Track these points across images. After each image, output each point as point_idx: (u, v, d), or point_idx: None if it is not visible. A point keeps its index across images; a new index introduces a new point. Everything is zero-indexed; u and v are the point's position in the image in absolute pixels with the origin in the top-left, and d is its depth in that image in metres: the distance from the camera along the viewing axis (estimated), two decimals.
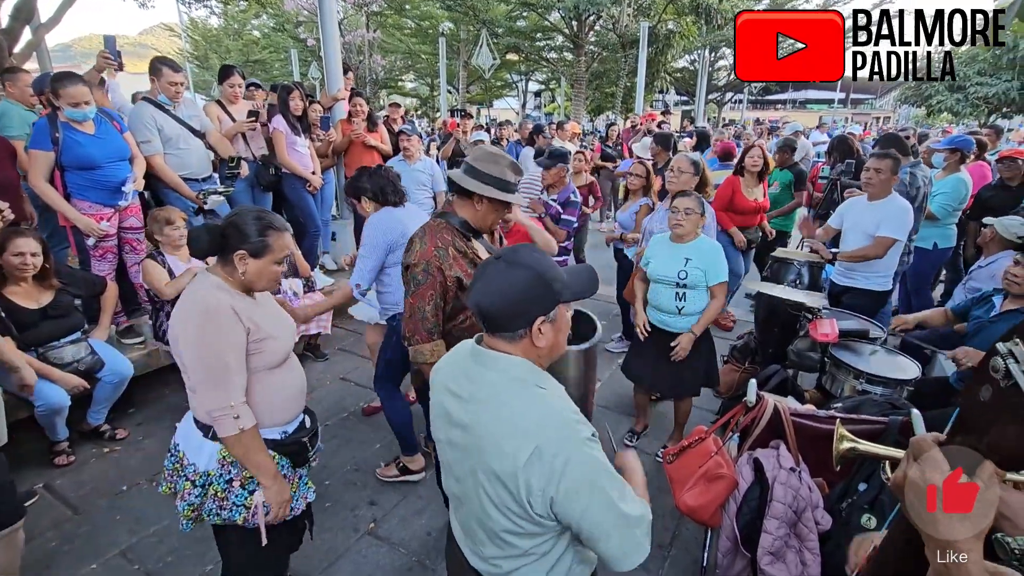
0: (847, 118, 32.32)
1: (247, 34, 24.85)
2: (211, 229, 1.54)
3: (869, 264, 3.23)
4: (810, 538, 1.81)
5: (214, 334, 1.48)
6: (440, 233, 1.89)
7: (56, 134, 3.05)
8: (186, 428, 1.62)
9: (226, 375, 1.49)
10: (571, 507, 1.04)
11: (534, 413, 1.07)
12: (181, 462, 1.60)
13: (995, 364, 0.70)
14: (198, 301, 1.51)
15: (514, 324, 1.12)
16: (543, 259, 1.15)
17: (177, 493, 1.61)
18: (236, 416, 1.51)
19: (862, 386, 2.38)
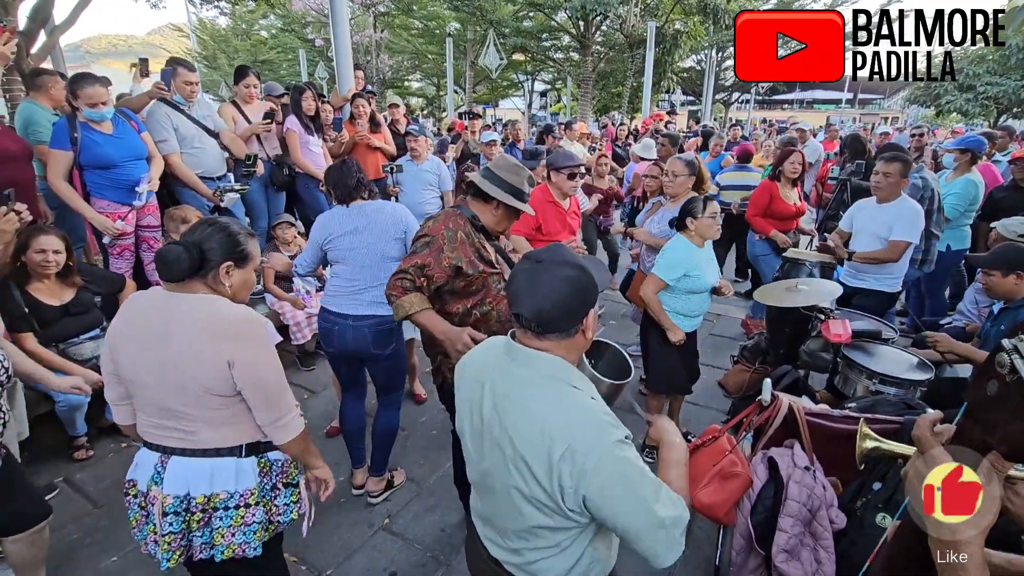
0: (855, 118, 32.12)
1: (255, 34, 24.97)
2: (188, 247, 1.41)
3: (880, 265, 3.23)
4: (825, 536, 1.82)
5: (269, 342, 1.49)
6: (455, 218, 1.99)
7: (75, 134, 3.10)
8: (198, 467, 1.46)
9: (283, 378, 1.52)
10: (604, 506, 1.05)
11: (568, 412, 1.09)
12: (210, 500, 1.47)
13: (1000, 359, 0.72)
14: (235, 318, 1.43)
15: (571, 323, 1.14)
16: (574, 253, 1.19)
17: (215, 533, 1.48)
18: (300, 413, 1.56)
19: (875, 387, 2.39)
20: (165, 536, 1.44)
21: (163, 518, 1.43)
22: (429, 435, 3.26)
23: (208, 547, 1.49)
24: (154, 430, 1.47)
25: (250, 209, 4.32)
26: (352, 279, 2.46)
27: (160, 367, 1.40)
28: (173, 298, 1.43)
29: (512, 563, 1.22)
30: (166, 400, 1.42)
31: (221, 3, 21.59)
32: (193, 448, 1.45)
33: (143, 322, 1.43)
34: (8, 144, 3.06)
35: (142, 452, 1.52)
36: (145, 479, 1.48)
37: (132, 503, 1.52)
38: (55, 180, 3.10)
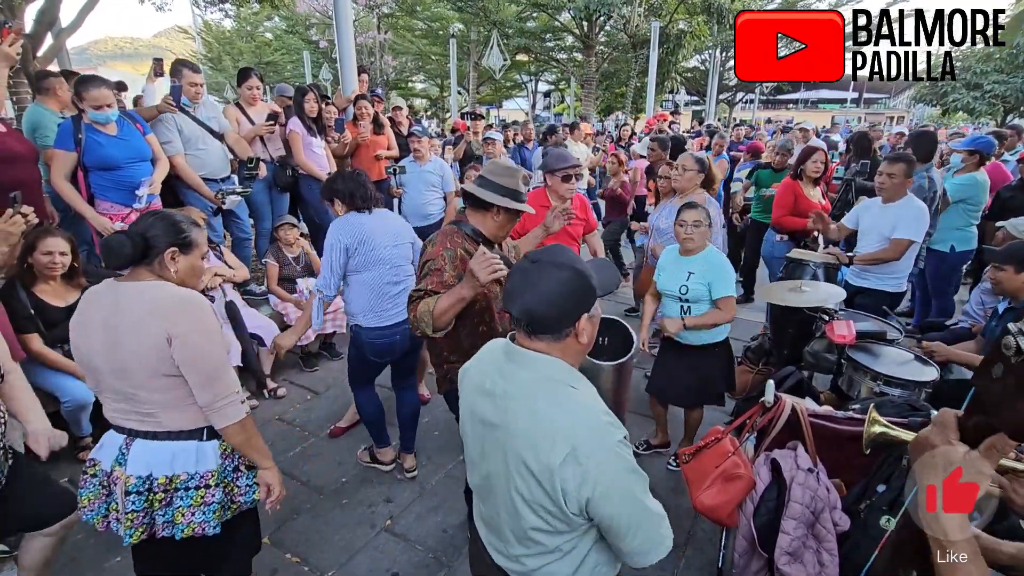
0: (860, 118, 31.98)
1: (260, 36, 25.06)
2: (131, 235, 1.47)
3: (884, 265, 3.22)
4: (828, 539, 1.81)
5: (211, 322, 1.53)
6: (451, 237, 1.94)
7: (79, 135, 3.12)
8: (160, 450, 1.52)
9: (226, 359, 1.55)
10: (605, 507, 1.06)
11: (569, 414, 1.08)
12: (172, 482, 1.53)
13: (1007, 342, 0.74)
14: (176, 297, 1.48)
15: (562, 324, 1.13)
16: (577, 257, 1.18)
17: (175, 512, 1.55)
18: (242, 400, 1.57)
19: (880, 388, 2.37)
20: (128, 514, 1.51)
21: (126, 497, 1.51)
22: (432, 436, 3.26)
23: (170, 525, 1.56)
24: (116, 413, 1.54)
25: (254, 210, 4.34)
26: (388, 283, 2.54)
27: (109, 351, 1.46)
28: (121, 286, 1.50)
29: (515, 571, 1.22)
30: (118, 384, 1.49)
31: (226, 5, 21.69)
32: (155, 431, 1.52)
33: (94, 310, 1.49)
34: (15, 145, 3.09)
35: (109, 434, 1.59)
36: (109, 459, 1.55)
37: (91, 482, 1.58)
38: (57, 180, 3.12)
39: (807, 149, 4.33)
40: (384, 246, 2.53)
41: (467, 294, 1.73)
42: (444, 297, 1.77)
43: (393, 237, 2.58)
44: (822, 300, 2.77)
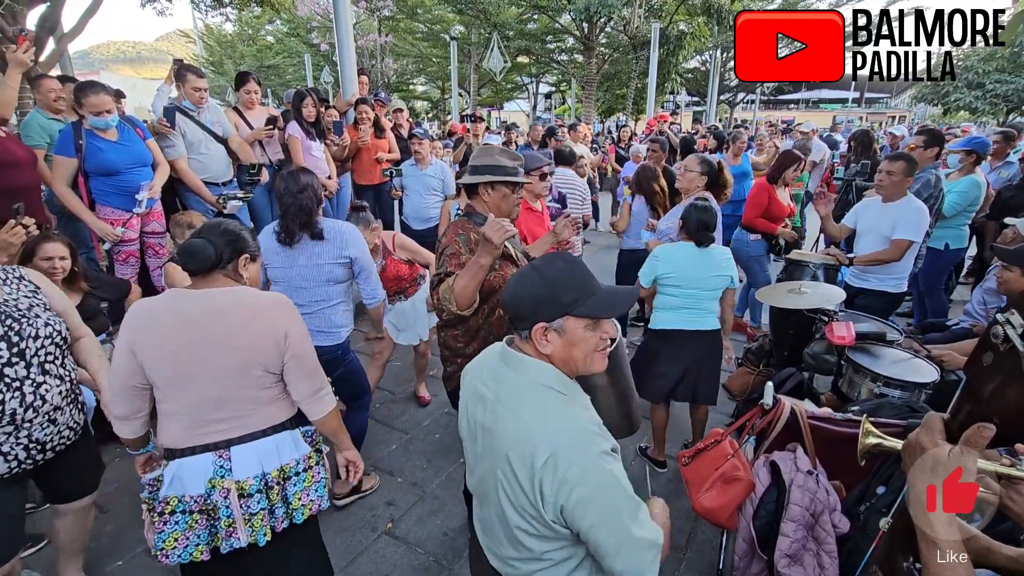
0: (861, 118, 31.95)
1: (261, 39, 25.18)
2: (212, 240, 1.51)
3: (884, 266, 3.21)
4: (828, 541, 1.81)
5: (303, 321, 1.62)
6: (463, 224, 2.00)
7: (79, 141, 3.14)
8: (264, 447, 1.56)
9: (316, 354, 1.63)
10: (581, 518, 1.04)
11: (552, 419, 1.09)
12: (283, 471, 1.58)
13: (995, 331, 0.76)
14: (275, 298, 1.58)
15: (521, 323, 1.16)
16: (566, 269, 1.16)
17: (293, 498, 1.60)
18: (332, 389, 1.66)
19: (880, 389, 2.37)
20: (256, 515, 1.53)
21: (246, 500, 1.51)
22: (432, 439, 3.26)
23: (287, 516, 1.60)
24: (202, 429, 1.51)
25: (255, 213, 4.36)
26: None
27: (214, 359, 1.47)
28: (204, 294, 1.51)
29: (509, 575, 1.22)
30: (226, 389, 1.49)
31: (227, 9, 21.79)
32: (252, 432, 1.55)
33: (180, 322, 1.47)
34: (15, 149, 3.11)
35: (177, 465, 1.51)
36: (199, 483, 1.49)
37: (176, 519, 1.49)
38: (58, 186, 3.14)
39: (790, 156, 4.36)
40: (285, 263, 2.37)
41: (485, 261, 1.77)
42: (462, 272, 1.82)
43: (301, 253, 2.37)
44: (822, 301, 2.77)
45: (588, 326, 1.14)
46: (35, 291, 1.83)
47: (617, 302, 1.17)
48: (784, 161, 4.28)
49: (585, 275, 1.17)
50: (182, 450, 1.52)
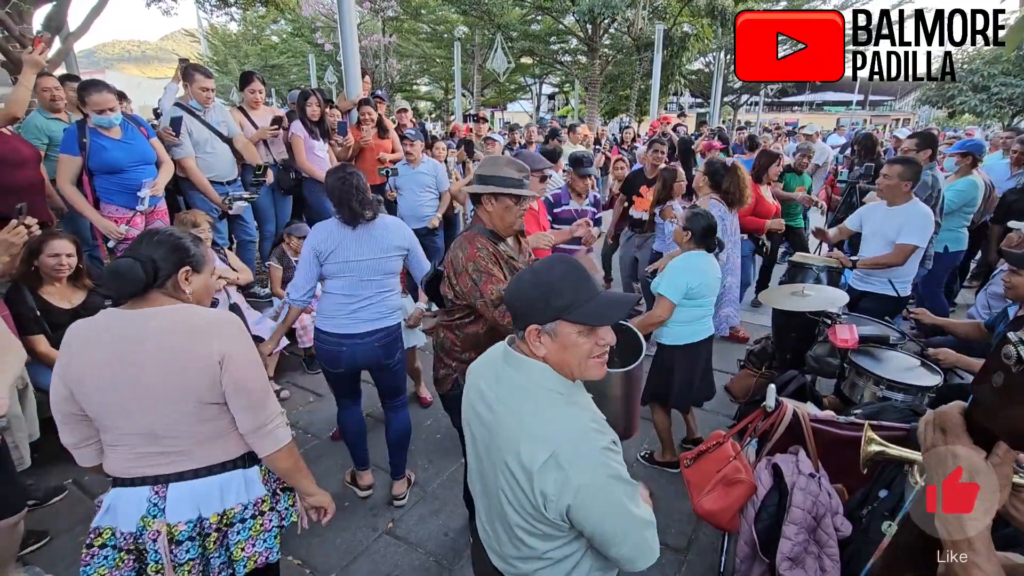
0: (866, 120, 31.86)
1: (265, 39, 25.24)
2: (140, 258, 1.34)
3: (888, 269, 3.20)
4: (830, 544, 1.80)
5: (251, 341, 1.46)
6: (476, 239, 1.97)
7: (83, 139, 3.15)
8: (204, 487, 1.40)
9: (267, 380, 1.48)
10: (588, 514, 1.06)
11: (552, 419, 1.09)
12: (225, 517, 1.43)
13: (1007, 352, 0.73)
14: (214, 318, 1.40)
15: (516, 323, 1.18)
16: (564, 272, 1.14)
17: (235, 548, 1.43)
18: (286, 422, 1.48)
19: (883, 392, 2.36)
20: (184, 565, 1.37)
21: (175, 547, 1.36)
22: (434, 439, 3.26)
23: (228, 565, 1.44)
24: (139, 462, 1.37)
25: (259, 213, 4.37)
26: (351, 295, 2.40)
27: (145, 388, 1.32)
28: (138, 315, 1.35)
29: (510, 573, 1.23)
30: (155, 423, 1.35)
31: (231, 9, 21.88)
32: (194, 468, 1.39)
33: (112, 348, 1.33)
34: (21, 148, 3.13)
35: (115, 494, 1.39)
36: (131, 519, 1.36)
37: (101, 554, 1.36)
38: (63, 184, 3.16)
39: (769, 155, 4.48)
40: (352, 258, 2.37)
41: None
42: None
43: (365, 249, 2.39)
44: (825, 304, 2.76)
45: (581, 332, 1.12)
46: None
47: (612, 310, 1.14)
48: (764, 160, 4.38)
49: (583, 280, 1.15)
50: (121, 479, 1.39)
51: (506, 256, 2.01)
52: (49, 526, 2.52)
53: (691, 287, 2.61)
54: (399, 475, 2.74)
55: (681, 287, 2.60)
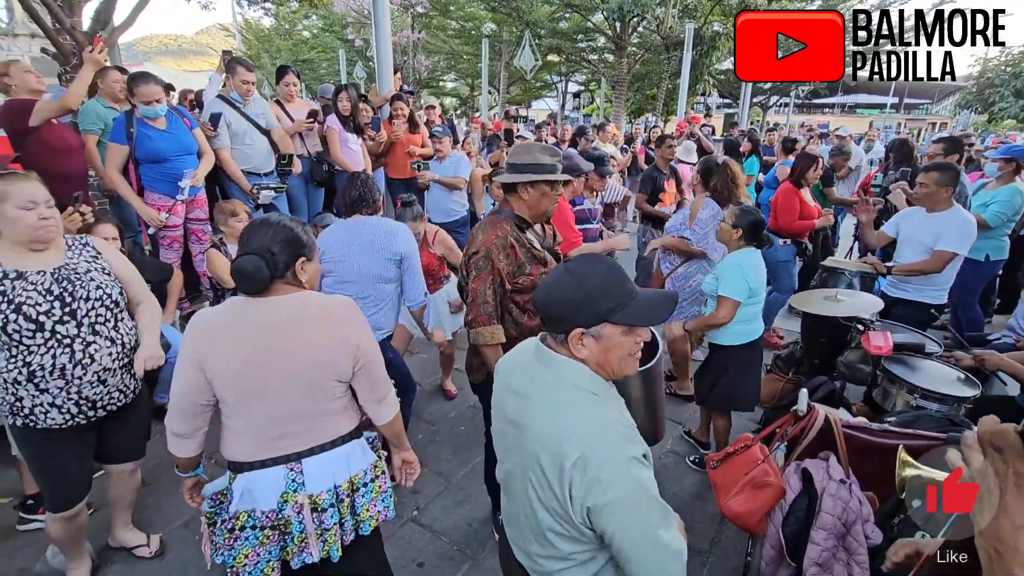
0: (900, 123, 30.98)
1: (297, 34, 25.69)
2: (261, 254, 1.40)
3: (925, 276, 3.14)
4: (859, 552, 1.79)
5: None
6: (500, 225, 2.00)
7: (131, 129, 3.27)
8: (335, 458, 1.50)
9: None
10: (608, 521, 1.03)
11: (583, 420, 1.08)
12: (352, 483, 1.53)
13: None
14: (342, 305, 1.51)
15: (556, 327, 1.15)
16: (603, 273, 1.13)
17: (361, 510, 1.54)
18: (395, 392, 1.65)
19: (917, 401, 2.32)
20: (329, 531, 1.47)
21: (320, 515, 1.46)
22: (458, 431, 3.31)
23: (354, 527, 1.55)
24: (272, 444, 1.45)
25: (292, 204, 4.47)
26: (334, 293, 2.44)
27: (288, 376, 1.40)
28: (270, 304, 1.42)
29: (536, 571, 1.23)
30: (296, 403, 1.43)
31: (266, 4, 22.29)
32: (322, 443, 1.49)
33: (252, 337, 1.40)
34: (68, 136, 3.28)
35: (249, 479, 1.45)
36: (271, 498, 1.43)
37: (246, 535, 1.43)
38: (110, 171, 3.29)
39: (808, 157, 4.36)
40: (339, 257, 2.41)
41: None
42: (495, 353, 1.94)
43: (356, 250, 2.41)
44: (858, 310, 2.72)
45: (624, 331, 1.13)
46: (95, 256, 1.90)
47: (659, 309, 1.14)
48: (803, 163, 4.30)
49: (624, 280, 1.15)
50: (251, 463, 1.45)
51: (528, 243, 2.03)
52: (94, 499, 2.63)
53: (752, 286, 2.62)
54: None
55: (743, 287, 2.61)
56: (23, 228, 1.68)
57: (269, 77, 19.03)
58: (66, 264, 1.80)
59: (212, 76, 4.01)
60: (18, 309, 1.66)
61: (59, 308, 1.73)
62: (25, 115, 3.09)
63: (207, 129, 3.68)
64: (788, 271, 4.38)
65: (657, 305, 1.15)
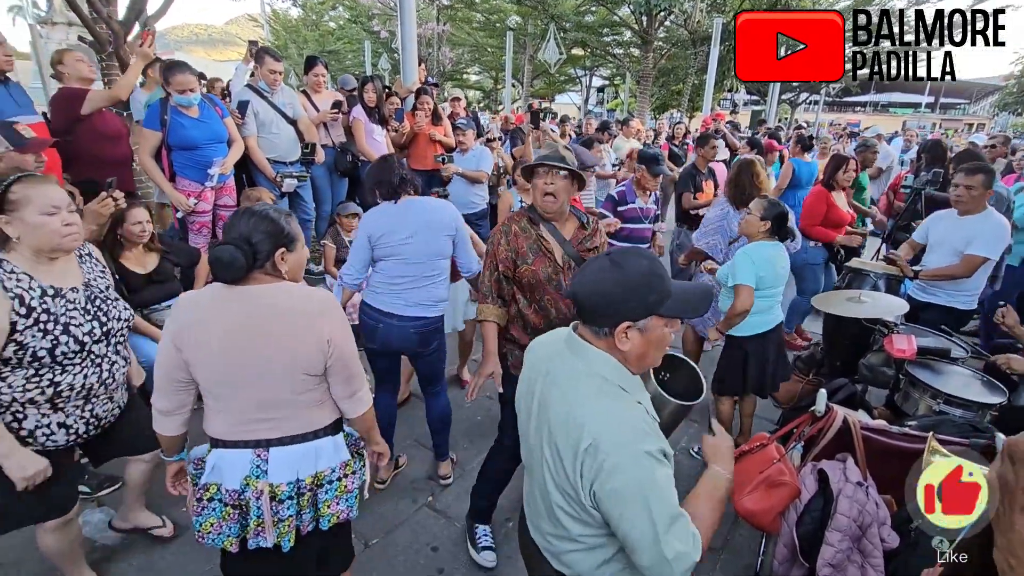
0: (935, 124, 30.03)
1: (324, 25, 25.94)
2: (238, 244, 1.39)
3: (955, 281, 3.06)
4: (875, 555, 1.78)
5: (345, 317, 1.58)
6: (513, 216, 2.12)
7: (164, 116, 3.36)
8: (303, 452, 1.52)
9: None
10: (611, 510, 1.05)
11: (602, 410, 1.09)
12: (317, 478, 1.55)
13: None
14: (319, 298, 1.51)
15: (600, 321, 1.15)
16: (649, 266, 1.14)
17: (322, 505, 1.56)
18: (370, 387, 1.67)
19: (940, 407, 2.28)
20: (284, 521, 1.51)
21: (277, 505, 1.49)
22: (474, 420, 3.35)
23: (312, 521, 1.57)
24: (244, 427, 1.48)
25: (316, 194, 4.55)
26: (398, 276, 2.44)
27: (260, 362, 1.42)
28: (248, 292, 1.43)
29: (548, 551, 1.26)
30: (264, 393, 1.45)
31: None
32: (292, 435, 1.51)
33: (227, 322, 1.42)
34: (117, 124, 3.40)
35: (218, 455, 1.50)
36: (236, 478, 1.47)
37: (210, 507, 1.49)
38: (143, 157, 3.39)
39: (839, 158, 4.21)
40: (401, 239, 2.40)
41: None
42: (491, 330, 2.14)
43: (414, 229, 2.41)
44: (883, 312, 2.67)
45: (667, 323, 1.15)
46: (103, 271, 1.89)
47: (699, 301, 1.16)
48: (833, 164, 4.17)
49: (664, 272, 1.16)
50: (224, 442, 1.51)
51: (536, 237, 2.05)
52: (121, 472, 2.74)
53: (760, 276, 2.62)
54: (443, 457, 2.82)
55: (752, 273, 2.62)
56: (46, 235, 1.58)
57: (296, 67, 19.26)
58: (89, 282, 1.76)
59: (238, 66, 4.10)
60: (66, 330, 1.61)
61: (98, 328, 1.70)
62: (77, 103, 3.21)
63: (235, 116, 3.76)
64: (814, 274, 4.27)
65: (696, 297, 1.17)
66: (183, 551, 2.33)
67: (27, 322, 1.55)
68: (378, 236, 2.41)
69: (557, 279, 2.06)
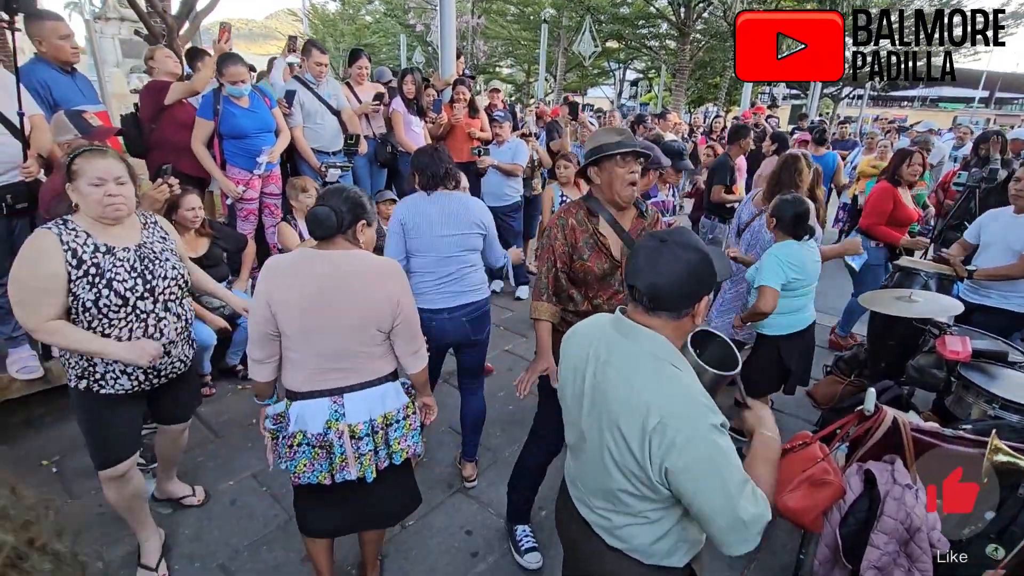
0: (989, 119, 28.54)
1: (360, 19, 26.29)
2: (335, 208, 1.64)
3: (1010, 282, 2.93)
4: (923, 560, 1.73)
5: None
6: (571, 207, 2.07)
7: (217, 106, 3.48)
8: (372, 395, 1.75)
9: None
10: (685, 484, 1.08)
11: (665, 387, 1.12)
12: (386, 418, 1.77)
13: None
14: (392, 266, 1.78)
15: (681, 304, 1.17)
16: (701, 241, 1.20)
17: (393, 442, 1.80)
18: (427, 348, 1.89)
19: (995, 412, 2.19)
20: (364, 455, 1.74)
21: (357, 442, 1.72)
22: (506, 410, 3.39)
23: (387, 457, 1.80)
24: (321, 376, 1.70)
25: (357, 183, 4.64)
26: (436, 271, 2.43)
27: (339, 317, 1.64)
28: (331, 255, 1.67)
29: (601, 526, 1.29)
30: (340, 345, 1.67)
31: None
32: (362, 382, 1.74)
33: (313, 280, 1.63)
34: (190, 111, 3.55)
35: (301, 405, 1.71)
36: (318, 423, 1.69)
37: (299, 450, 1.72)
38: (196, 144, 3.52)
39: (903, 152, 4.00)
40: (436, 233, 2.40)
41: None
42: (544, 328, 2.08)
43: (448, 224, 2.40)
44: (935, 312, 2.58)
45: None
46: (164, 237, 2.01)
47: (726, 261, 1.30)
48: (896, 158, 3.98)
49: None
50: (303, 393, 1.71)
51: (593, 231, 2.02)
52: None
53: (792, 278, 2.56)
54: (470, 457, 2.77)
55: (780, 275, 2.57)
56: (91, 203, 1.73)
57: (333, 61, 19.58)
58: (144, 243, 1.88)
59: (277, 60, 4.21)
60: (109, 284, 1.74)
61: (141, 285, 1.82)
62: (163, 94, 3.48)
63: (282, 106, 3.86)
64: (875, 276, 4.01)
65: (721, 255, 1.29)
66: (226, 523, 2.44)
67: (78, 273, 1.71)
68: (413, 225, 2.40)
69: (612, 276, 2.05)
